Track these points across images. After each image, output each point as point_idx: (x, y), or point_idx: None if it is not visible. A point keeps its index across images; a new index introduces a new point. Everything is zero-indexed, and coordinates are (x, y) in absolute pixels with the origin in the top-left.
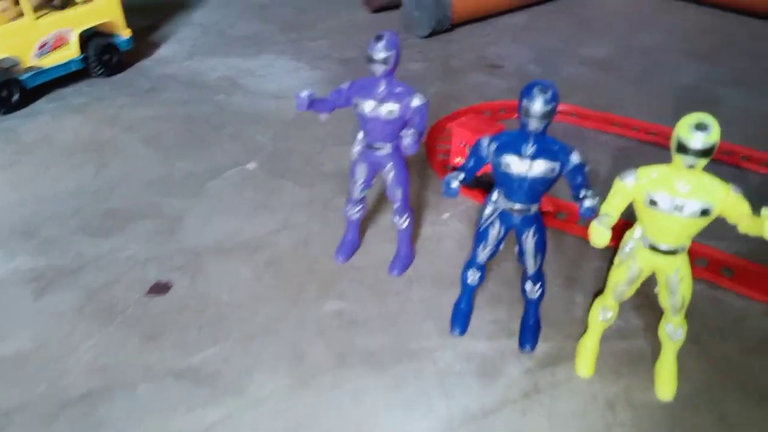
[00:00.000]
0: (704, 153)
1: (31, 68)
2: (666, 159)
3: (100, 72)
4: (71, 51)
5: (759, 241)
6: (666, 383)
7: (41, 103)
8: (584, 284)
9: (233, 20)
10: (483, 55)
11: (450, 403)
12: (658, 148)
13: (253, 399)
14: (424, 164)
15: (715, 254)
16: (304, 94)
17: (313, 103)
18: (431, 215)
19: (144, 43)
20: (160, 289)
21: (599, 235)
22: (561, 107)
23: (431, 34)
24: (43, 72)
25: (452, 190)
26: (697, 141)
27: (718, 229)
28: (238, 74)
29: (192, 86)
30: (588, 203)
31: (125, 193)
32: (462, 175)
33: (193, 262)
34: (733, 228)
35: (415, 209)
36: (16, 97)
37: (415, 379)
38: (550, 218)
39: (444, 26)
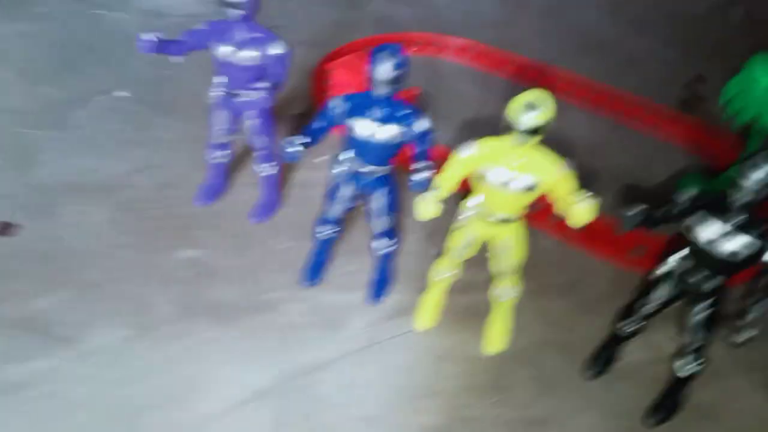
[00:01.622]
0: (534, 132)
1: None
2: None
3: None
4: None
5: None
6: (494, 340)
7: None
8: (443, 239)
9: None
10: None
11: (287, 356)
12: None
13: (85, 349)
14: (309, 105)
15: None
16: (149, 36)
17: (162, 46)
18: (305, 159)
19: None
20: (4, 230)
21: (424, 208)
22: (460, 42)
23: None
24: None
25: (289, 155)
26: (527, 121)
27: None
28: None
29: None
30: (420, 177)
31: None
32: (306, 139)
33: (45, 201)
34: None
35: None
36: None
37: (259, 332)
38: None
39: None
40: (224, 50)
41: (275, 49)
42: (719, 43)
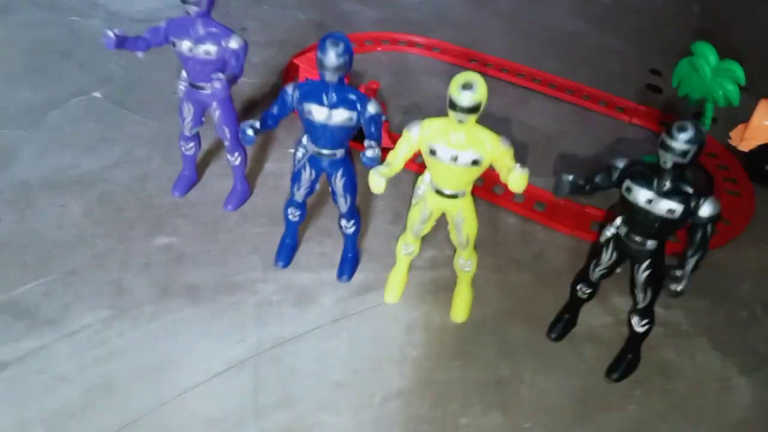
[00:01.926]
0: (471, 110)
1: None
2: (514, 93)
3: None
4: None
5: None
6: (459, 309)
7: None
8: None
9: None
10: None
11: (262, 330)
12: (507, 85)
13: (69, 330)
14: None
15: (531, 189)
16: (112, 32)
17: (125, 42)
18: (276, 151)
19: None
20: None
21: (375, 182)
22: (424, 41)
23: None
24: None
25: (248, 138)
26: (464, 99)
27: (539, 166)
28: None
29: (44, 7)
30: (370, 153)
31: None
32: (258, 123)
33: (23, 196)
34: (551, 165)
35: (262, 144)
36: None
37: (233, 311)
38: (486, 191)
39: None
40: (184, 45)
41: (232, 43)
42: (678, 37)
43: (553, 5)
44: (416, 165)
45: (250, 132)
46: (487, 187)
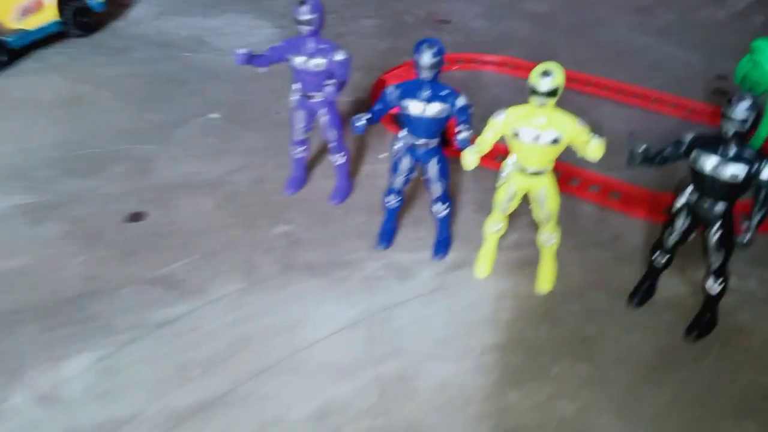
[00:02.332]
0: (550, 93)
1: (15, 31)
2: (588, 103)
3: (78, 33)
4: (50, 14)
5: (641, 170)
6: (544, 280)
7: (25, 63)
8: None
9: None
10: (433, 10)
11: (371, 298)
12: (578, 94)
13: (212, 298)
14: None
15: (606, 181)
16: (242, 51)
17: (251, 59)
18: (371, 156)
19: (116, 4)
20: (136, 217)
21: (468, 158)
22: (496, 59)
23: None
24: (26, 34)
25: (358, 128)
26: (544, 85)
27: (612, 158)
28: (203, 33)
29: (160, 45)
30: (462, 135)
31: (101, 142)
32: (369, 116)
33: (164, 196)
34: (623, 158)
35: (357, 150)
36: (3, 57)
37: (345, 282)
38: (564, 184)
39: None
40: (298, 60)
41: (338, 56)
42: (742, 44)
43: (617, 24)
44: (497, 163)
45: (360, 123)
46: (564, 180)
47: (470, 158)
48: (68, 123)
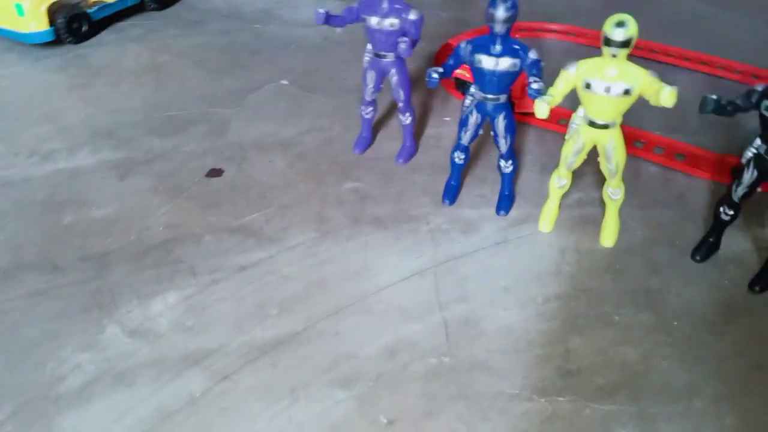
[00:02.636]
0: (623, 44)
1: (96, 3)
2: (653, 66)
3: (153, 6)
4: None
5: (706, 134)
6: (608, 235)
7: (105, 34)
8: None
9: None
10: None
11: (437, 249)
12: (643, 60)
13: (287, 246)
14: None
15: (671, 143)
16: (322, 10)
17: (329, 18)
18: (435, 119)
19: None
20: (215, 173)
21: (540, 107)
22: (559, 27)
23: None
24: (105, 6)
25: (433, 80)
26: (618, 34)
27: (676, 122)
28: (273, 5)
29: (232, 17)
30: (535, 86)
31: (181, 105)
32: (441, 69)
33: (239, 154)
34: (688, 122)
35: (422, 113)
36: (85, 28)
37: (411, 234)
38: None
39: None
40: (373, 20)
41: (411, 15)
42: None
43: None
44: (560, 126)
45: (435, 75)
46: (628, 142)
47: (542, 107)
48: (149, 88)
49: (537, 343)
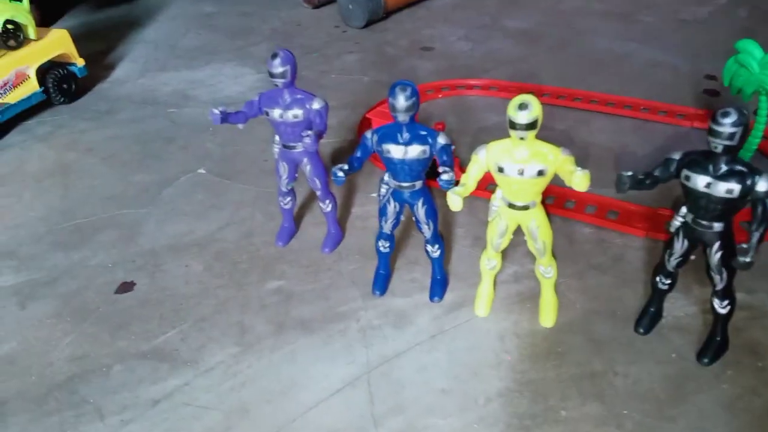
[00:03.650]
0: (529, 126)
1: None
2: (574, 116)
3: (60, 100)
4: (32, 85)
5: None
6: (546, 314)
7: (10, 137)
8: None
9: (182, 32)
10: (416, 39)
11: (369, 351)
12: (566, 109)
13: (205, 367)
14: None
15: (603, 200)
16: (217, 111)
17: (227, 117)
18: (360, 196)
19: (100, 66)
20: (125, 287)
21: (453, 200)
22: (480, 82)
23: (367, 24)
24: (9, 108)
25: (339, 179)
26: (522, 117)
27: (606, 179)
28: (188, 86)
29: (145, 103)
30: (445, 177)
31: (89, 211)
32: (346, 166)
33: (152, 262)
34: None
35: (346, 190)
36: None
37: (341, 336)
38: (559, 207)
39: (378, 15)
40: (276, 113)
41: (315, 105)
42: (727, 42)
43: (598, 33)
44: (489, 192)
45: (340, 174)
46: (559, 203)
47: (456, 200)
48: (54, 194)
49: None
